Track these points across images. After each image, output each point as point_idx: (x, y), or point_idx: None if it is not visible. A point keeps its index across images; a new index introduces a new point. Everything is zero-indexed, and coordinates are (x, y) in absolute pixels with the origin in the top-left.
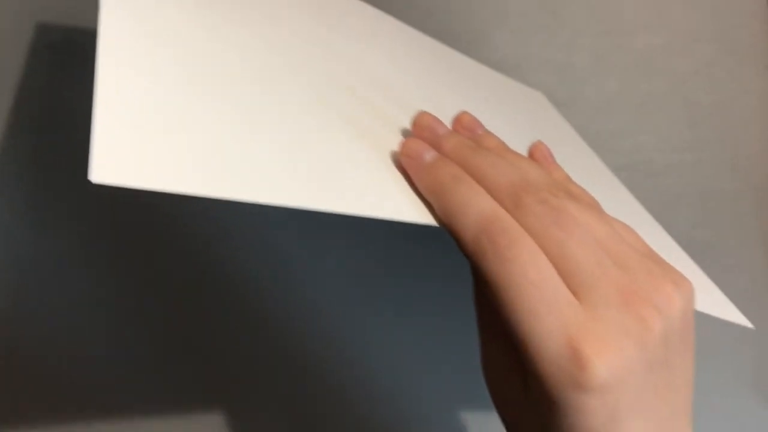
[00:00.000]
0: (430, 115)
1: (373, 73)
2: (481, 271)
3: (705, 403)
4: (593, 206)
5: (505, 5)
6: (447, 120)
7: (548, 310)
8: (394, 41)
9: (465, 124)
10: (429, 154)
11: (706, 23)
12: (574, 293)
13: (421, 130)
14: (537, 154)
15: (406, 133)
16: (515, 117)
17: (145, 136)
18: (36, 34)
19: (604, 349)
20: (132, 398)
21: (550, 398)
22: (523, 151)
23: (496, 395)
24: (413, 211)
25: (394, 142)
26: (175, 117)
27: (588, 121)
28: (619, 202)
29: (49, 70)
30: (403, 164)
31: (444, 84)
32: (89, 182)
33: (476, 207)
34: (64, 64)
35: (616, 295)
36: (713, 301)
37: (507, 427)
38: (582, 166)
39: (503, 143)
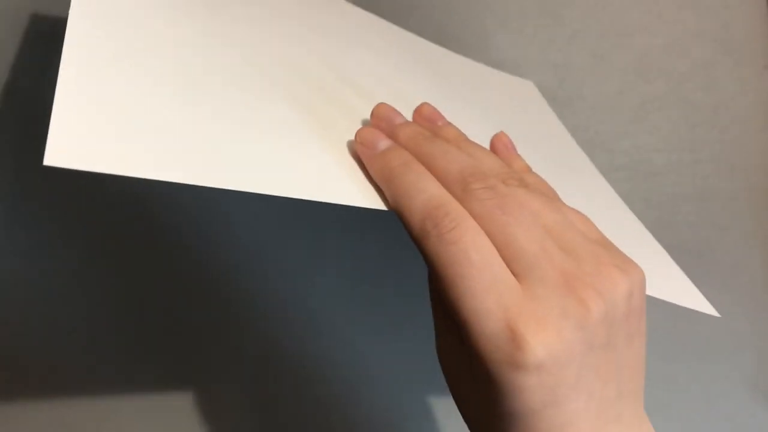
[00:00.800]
0: (388, 105)
1: (347, 67)
2: (425, 253)
3: (705, 403)
4: (546, 194)
5: (505, 6)
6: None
7: (488, 290)
8: (377, 39)
9: (424, 115)
10: (382, 143)
11: (704, 24)
12: (517, 276)
13: (379, 120)
14: (498, 145)
15: (365, 124)
16: (494, 108)
17: (102, 123)
18: (30, 24)
19: (541, 330)
20: (118, 392)
21: (490, 378)
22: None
23: (449, 378)
24: (364, 197)
25: (354, 131)
26: (133, 104)
27: (587, 121)
28: (592, 189)
29: (42, 61)
30: (357, 152)
31: (421, 78)
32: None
33: (423, 192)
34: (57, 55)
35: (557, 278)
36: (678, 289)
37: (460, 410)
38: (558, 154)
39: (462, 134)
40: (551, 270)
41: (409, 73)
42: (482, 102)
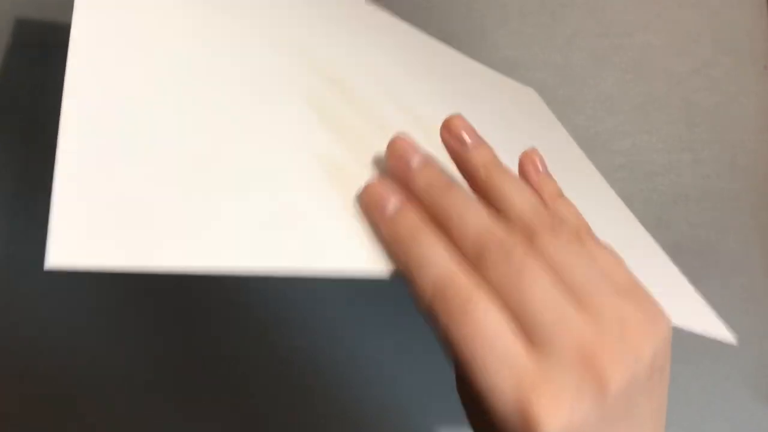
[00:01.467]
0: (405, 140)
1: (352, 70)
2: (435, 329)
3: (705, 403)
4: (576, 235)
5: (505, 6)
6: (431, 122)
7: (500, 367)
8: (385, 37)
9: (453, 132)
10: (391, 204)
11: (704, 24)
12: (533, 345)
13: (395, 159)
14: (528, 166)
15: (379, 162)
16: (504, 114)
17: (104, 216)
18: (15, 30)
19: (555, 409)
20: (127, 403)
21: None
22: (515, 150)
23: (468, 412)
24: (372, 263)
25: (364, 175)
26: (140, 187)
27: (587, 121)
28: (601, 202)
29: (28, 67)
30: (363, 212)
31: (430, 81)
32: None
33: (432, 268)
34: (43, 62)
35: (575, 351)
36: (694, 313)
37: None
38: (568, 166)
39: (494, 158)
40: (569, 341)
41: (415, 76)
42: (489, 106)
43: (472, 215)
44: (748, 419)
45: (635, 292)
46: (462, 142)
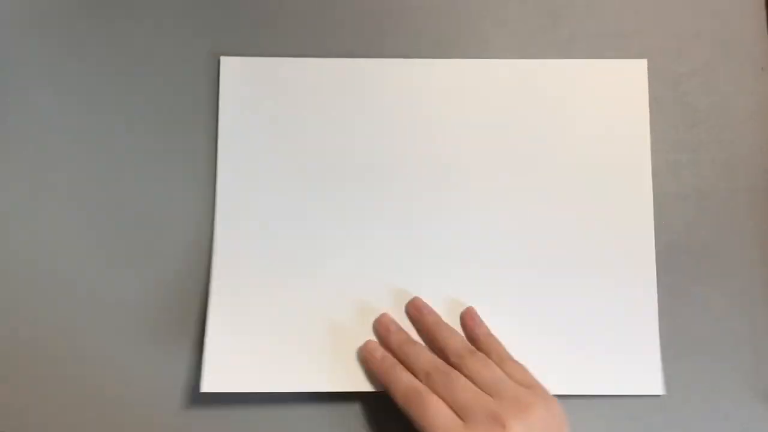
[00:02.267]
0: (387, 317)
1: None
2: (407, 416)
3: (704, 403)
4: (494, 355)
5: (504, 7)
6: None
7: (444, 429)
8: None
9: (416, 306)
10: (378, 353)
11: (704, 24)
12: (465, 420)
13: (380, 326)
14: (466, 319)
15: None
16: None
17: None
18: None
19: None
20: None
21: None
22: None
23: None
24: (366, 382)
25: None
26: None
27: None
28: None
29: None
30: (364, 358)
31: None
32: None
33: (403, 383)
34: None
35: (488, 416)
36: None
37: None
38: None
39: (439, 321)
40: (484, 412)
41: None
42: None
43: (424, 356)
44: (746, 419)
45: (534, 387)
46: (420, 312)
